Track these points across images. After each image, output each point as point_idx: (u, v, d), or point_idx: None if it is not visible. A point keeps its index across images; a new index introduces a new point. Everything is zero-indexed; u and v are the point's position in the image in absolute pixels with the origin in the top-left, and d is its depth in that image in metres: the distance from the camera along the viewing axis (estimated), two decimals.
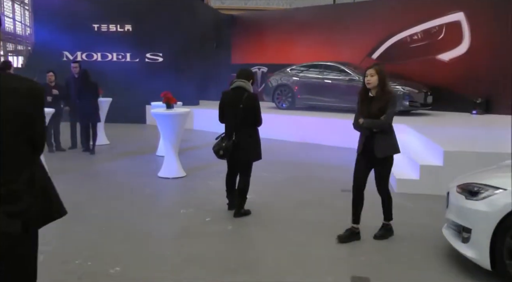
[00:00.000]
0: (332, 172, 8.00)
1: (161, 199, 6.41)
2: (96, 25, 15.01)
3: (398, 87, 11.57)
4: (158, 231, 5.02)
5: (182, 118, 7.41)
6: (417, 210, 5.90)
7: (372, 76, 4.72)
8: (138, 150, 10.07)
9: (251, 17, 18.20)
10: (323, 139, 10.89)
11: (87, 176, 7.72)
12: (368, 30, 14.63)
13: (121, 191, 6.71)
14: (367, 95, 4.88)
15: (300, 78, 13.14)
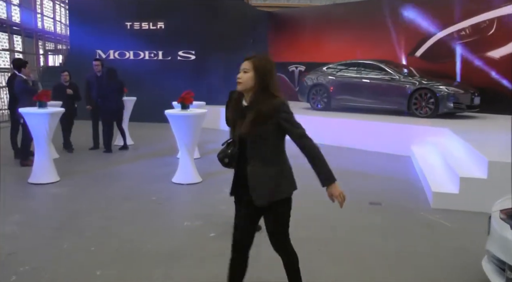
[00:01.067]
0: (363, 180, 7.28)
1: (167, 209, 5.84)
2: (128, 23, 14.74)
3: (442, 88, 10.68)
4: (152, 248, 4.42)
5: (197, 119, 6.88)
6: (455, 230, 5.10)
7: (246, 72, 3.00)
8: (159, 152, 9.62)
9: (288, 14, 17.54)
10: (358, 143, 10.13)
11: (97, 180, 7.28)
12: (411, 26, 13.72)
13: (128, 197, 6.22)
14: (240, 104, 3.06)
15: (337, 78, 12.39)
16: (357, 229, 5.08)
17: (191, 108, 7.18)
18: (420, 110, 10.92)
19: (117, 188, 6.76)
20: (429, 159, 8.02)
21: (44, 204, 6.20)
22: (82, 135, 10.14)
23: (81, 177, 7.38)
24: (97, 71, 9.69)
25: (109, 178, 7.43)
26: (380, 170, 7.99)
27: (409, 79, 11.22)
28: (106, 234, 4.83)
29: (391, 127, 9.75)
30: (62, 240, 4.62)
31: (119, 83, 9.48)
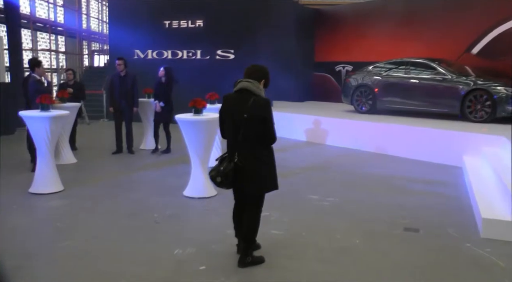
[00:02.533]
0: (402, 196, 6.34)
1: (163, 230, 5.08)
2: (167, 21, 14.28)
3: (500, 89, 9.49)
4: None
5: (209, 126, 6.11)
6: (509, 271, 4.10)
7: None
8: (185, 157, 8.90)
9: (336, 10, 16.56)
10: (404, 151, 9.14)
11: (105, 190, 6.71)
12: (468, 20, 12.46)
13: (129, 214, 5.60)
14: None
15: (383, 78, 11.37)
16: (383, 267, 4.17)
17: (205, 113, 6.43)
18: (474, 114, 9.76)
19: (123, 201, 6.16)
20: (482, 173, 7.00)
21: (32, 220, 5.53)
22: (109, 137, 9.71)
23: (88, 187, 6.87)
24: (120, 71, 9.20)
25: (119, 188, 6.85)
26: (425, 184, 7.01)
27: (463, 79, 10.06)
28: (79, 263, 4.18)
29: (441, 134, 8.70)
30: (23, 269, 4.00)
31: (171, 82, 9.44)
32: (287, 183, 6.88)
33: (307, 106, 14.02)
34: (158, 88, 9.24)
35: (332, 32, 15.90)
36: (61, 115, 6.54)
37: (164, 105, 9.15)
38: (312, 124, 10.89)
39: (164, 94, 9.18)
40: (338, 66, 15.72)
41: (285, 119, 11.55)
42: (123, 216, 5.50)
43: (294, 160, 8.79)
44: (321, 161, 8.79)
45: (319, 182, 7.05)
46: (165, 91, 9.20)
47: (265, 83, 4.03)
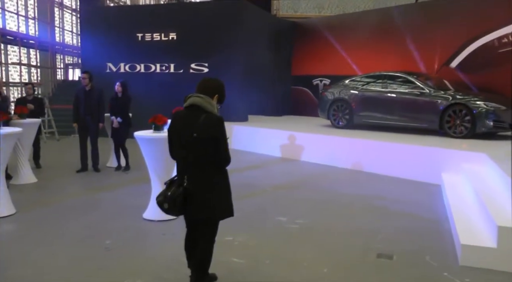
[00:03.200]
0: (376, 218, 5.93)
1: (114, 258, 4.58)
2: (140, 34, 13.85)
3: (480, 103, 9.21)
4: None
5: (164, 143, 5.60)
6: None
7: None
8: None
9: (314, 23, 16.31)
10: (381, 168, 8.78)
11: (59, 213, 6.16)
12: (447, 33, 12.26)
13: (80, 240, 5.09)
14: None
15: (360, 92, 11.06)
16: None
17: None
18: (454, 130, 9.47)
19: (77, 225, 5.65)
20: (462, 192, 6.64)
21: None
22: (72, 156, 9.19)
23: (43, 209, 6.34)
24: (85, 85, 8.73)
25: (75, 210, 6.33)
26: (401, 203, 6.62)
27: (441, 93, 9.78)
28: None
29: (419, 150, 8.35)
30: None
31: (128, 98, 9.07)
32: (255, 203, 6.47)
33: (284, 121, 13.65)
34: (115, 104, 8.85)
35: (309, 45, 15.65)
36: (11, 133, 6.05)
37: (122, 121, 8.77)
38: (287, 139, 10.51)
39: (121, 110, 8.81)
40: (315, 79, 15.46)
41: (259, 134, 11.19)
42: (73, 243, 5.00)
43: (266, 178, 8.38)
44: (294, 179, 8.38)
45: (290, 202, 6.63)
46: (122, 106, 8.84)
47: (219, 99, 3.61)
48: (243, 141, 11.70)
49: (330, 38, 15.13)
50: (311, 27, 15.96)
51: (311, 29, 15.87)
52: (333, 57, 14.92)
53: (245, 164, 9.70)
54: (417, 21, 13.03)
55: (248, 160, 10.31)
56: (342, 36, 14.81)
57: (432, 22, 12.60)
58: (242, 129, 11.89)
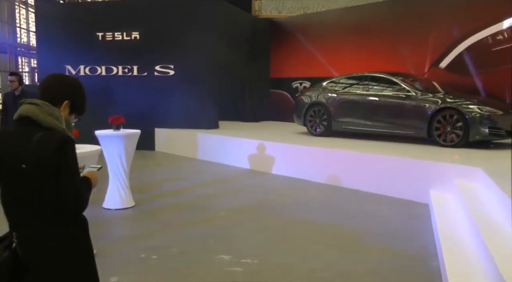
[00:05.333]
0: (349, 259, 4.67)
1: None
2: (100, 33, 12.54)
3: (473, 107, 8.01)
4: None
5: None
6: None
7: None
8: None
9: (293, 22, 15.10)
10: (360, 183, 7.56)
11: None
12: (436, 30, 11.10)
13: None
14: None
15: (339, 95, 9.85)
16: None
17: None
18: (444, 137, 8.28)
19: None
20: (453, 217, 5.45)
21: None
22: None
23: None
24: (13, 89, 7.45)
25: None
26: (380, 233, 5.38)
27: (429, 96, 8.59)
28: None
29: (404, 163, 7.13)
30: None
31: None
32: (198, 233, 5.21)
33: (258, 128, 12.42)
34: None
35: (288, 46, 14.47)
36: None
37: None
38: (256, 149, 9.26)
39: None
40: (295, 82, 14.25)
41: (226, 143, 9.95)
42: None
43: (224, 197, 7.11)
44: (258, 198, 7.12)
45: (242, 232, 5.36)
46: None
47: (73, 107, 2.32)
48: (209, 151, 10.48)
49: (311, 37, 13.95)
50: (290, 26, 14.76)
51: (290, 28, 14.67)
52: (314, 58, 13.75)
53: (206, 178, 8.45)
54: (403, 18, 11.87)
55: (211, 172, 9.07)
56: (324, 35, 13.64)
57: (420, 19, 11.45)
58: (208, 138, 10.65)
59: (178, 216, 5.97)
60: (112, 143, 6.08)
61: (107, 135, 6.09)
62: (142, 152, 11.33)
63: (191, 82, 11.95)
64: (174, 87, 12.04)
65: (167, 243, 4.82)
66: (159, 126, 12.21)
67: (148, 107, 12.08)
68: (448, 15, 10.93)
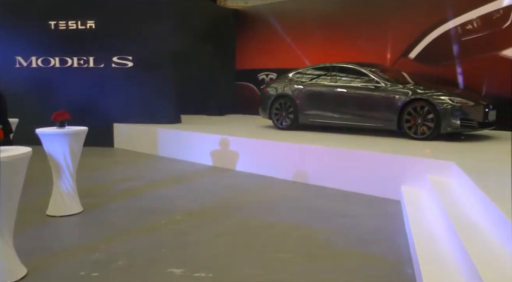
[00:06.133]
0: (312, 266, 4.21)
1: None
2: (52, 22, 11.74)
3: (444, 99, 7.68)
4: None
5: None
6: None
7: None
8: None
9: (259, 11, 14.56)
10: (330, 180, 7.14)
11: None
12: (405, 20, 10.77)
13: None
14: None
15: (306, 87, 9.41)
16: None
17: None
18: (414, 130, 7.93)
19: None
20: (426, 214, 5.07)
21: None
22: None
23: None
24: None
25: None
26: (349, 235, 4.94)
27: (399, 87, 8.22)
28: None
29: (373, 158, 6.71)
30: None
31: None
32: (150, 241, 4.67)
33: (223, 122, 11.89)
34: None
35: (254, 36, 13.97)
36: None
37: None
38: (219, 145, 8.74)
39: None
40: (261, 74, 13.76)
41: (187, 139, 9.40)
42: None
43: (183, 197, 6.57)
44: (219, 198, 6.60)
45: (198, 239, 4.83)
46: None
47: None
48: (170, 147, 9.90)
49: (277, 27, 13.47)
50: (256, 15, 14.24)
51: (256, 18, 14.15)
52: (281, 49, 13.29)
53: (165, 177, 7.90)
54: (372, 7, 11.49)
55: (171, 170, 8.51)
56: (291, 24, 13.18)
57: (390, 9, 11.09)
58: (169, 133, 10.06)
59: (130, 221, 5.42)
60: (55, 142, 5.43)
61: (49, 133, 5.44)
62: (99, 149, 10.74)
63: (151, 75, 11.33)
64: (133, 80, 11.40)
65: (112, 256, 4.27)
66: (118, 122, 11.57)
67: (106, 102, 11.45)
68: (417, 5, 10.60)
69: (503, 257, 3.20)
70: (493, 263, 3.10)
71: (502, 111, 8.44)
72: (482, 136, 8.39)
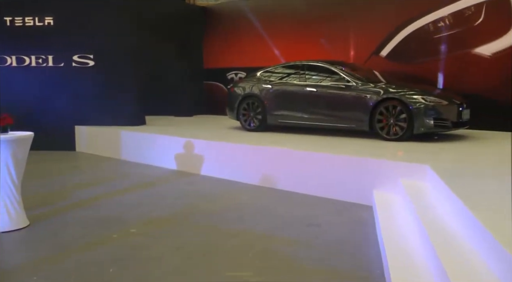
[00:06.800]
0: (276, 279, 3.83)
1: None
2: (8, 18, 11.09)
3: (417, 98, 7.41)
4: None
5: None
6: None
7: None
8: None
9: (227, 7, 14.14)
10: (298, 185, 6.78)
11: None
12: (376, 17, 10.51)
13: None
14: None
15: (274, 86, 9.04)
16: None
17: None
18: (387, 130, 7.64)
19: None
20: (400, 222, 4.74)
21: None
22: None
23: None
24: None
25: None
26: (316, 247, 4.58)
27: (371, 86, 7.92)
28: None
29: (344, 161, 6.38)
30: None
31: None
32: (99, 259, 4.21)
33: (190, 123, 11.45)
34: None
35: (223, 33, 13.55)
36: None
37: None
38: (184, 148, 8.30)
39: None
40: (230, 73, 13.35)
41: (152, 142, 8.94)
42: None
43: (142, 206, 6.12)
44: (181, 206, 6.17)
45: (153, 254, 4.38)
46: None
47: None
48: (134, 151, 9.42)
49: (246, 25, 13.08)
50: (224, 12, 13.83)
51: (224, 15, 13.74)
52: (251, 47, 12.90)
53: (126, 183, 7.43)
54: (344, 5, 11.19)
55: (133, 175, 8.05)
56: (260, 22, 12.79)
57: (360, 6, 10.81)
58: (132, 136, 9.57)
59: (80, 235, 4.95)
60: None
61: None
62: (60, 153, 10.21)
63: (114, 74, 10.81)
64: (95, 80, 10.85)
65: (53, 279, 3.81)
66: (80, 124, 11.01)
67: (67, 103, 10.88)
68: (389, 2, 10.35)
69: (479, 269, 2.90)
70: (469, 275, 2.80)
71: (476, 110, 8.22)
72: (456, 136, 8.16)
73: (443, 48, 9.66)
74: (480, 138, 7.99)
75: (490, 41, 9.11)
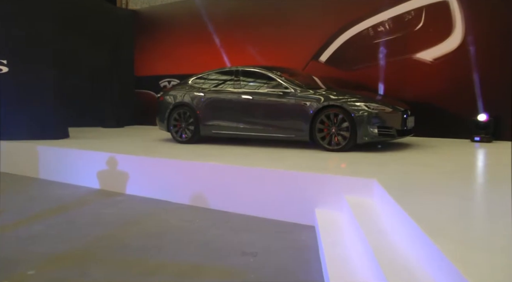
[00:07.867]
0: None
1: None
2: None
3: (360, 105, 6.90)
4: None
5: None
6: None
7: None
8: None
9: (159, 11, 13.33)
10: (232, 204, 6.08)
11: None
12: (314, 22, 10.05)
13: None
14: None
15: (206, 94, 8.33)
16: None
17: None
18: (328, 140, 7.09)
19: None
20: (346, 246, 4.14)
21: None
22: None
23: None
24: None
25: None
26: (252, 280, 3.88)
27: (310, 93, 7.35)
28: None
29: (281, 176, 5.72)
30: None
31: None
32: None
33: (118, 135, 10.52)
34: None
35: (154, 39, 12.74)
36: None
37: None
38: (107, 165, 7.42)
39: None
40: (163, 80, 12.54)
41: (72, 157, 7.99)
42: None
43: (50, 237, 5.20)
44: (96, 235, 5.30)
45: None
46: None
47: None
48: (52, 168, 8.42)
49: (180, 30, 12.35)
50: (155, 17, 13.03)
51: (155, 20, 12.94)
52: (185, 53, 12.18)
53: (38, 208, 6.46)
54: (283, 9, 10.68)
55: (48, 198, 7.07)
56: (194, 27, 12.08)
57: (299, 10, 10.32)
58: (50, 151, 8.55)
59: None
60: None
61: None
62: None
63: (31, 82, 9.75)
64: (10, 88, 9.73)
65: None
66: None
67: None
68: (327, 6, 9.92)
69: None
70: None
71: (420, 117, 7.84)
72: (400, 144, 7.73)
73: (384, 54, 9.32)
74: (425, 146, 7.60)
75: (431, 46, 8.83)
